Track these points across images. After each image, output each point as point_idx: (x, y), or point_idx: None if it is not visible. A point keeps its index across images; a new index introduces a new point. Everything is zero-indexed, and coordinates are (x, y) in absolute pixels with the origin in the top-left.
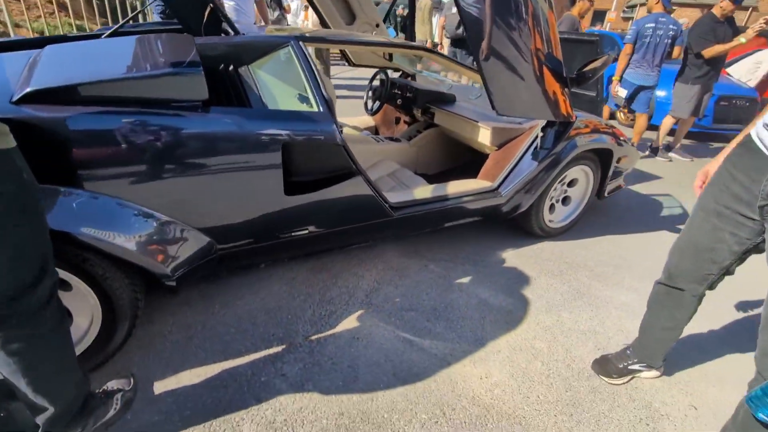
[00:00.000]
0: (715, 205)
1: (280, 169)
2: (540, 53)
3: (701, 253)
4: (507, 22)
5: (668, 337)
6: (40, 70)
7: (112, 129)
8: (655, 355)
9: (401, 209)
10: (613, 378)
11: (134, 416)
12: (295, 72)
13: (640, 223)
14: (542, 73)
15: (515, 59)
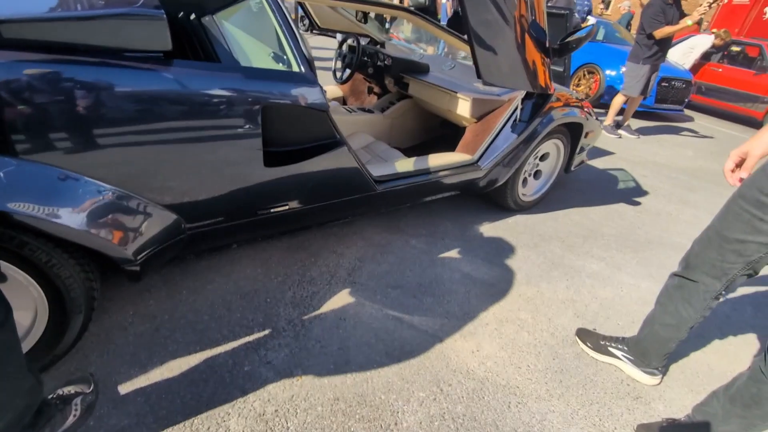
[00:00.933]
0: (758, 195)
1: (260, 137)
2: (525, 22)
3: (730, 244)
4: None
5: (665, 336)
6: None
7: (52, 81)
8: (646, 353)
9: (384, 183)
10: (588, 347)
11: (98, 422)
12: (269, 25)
13: (601, 196)
14: (525, 42)
15: (503, 28)
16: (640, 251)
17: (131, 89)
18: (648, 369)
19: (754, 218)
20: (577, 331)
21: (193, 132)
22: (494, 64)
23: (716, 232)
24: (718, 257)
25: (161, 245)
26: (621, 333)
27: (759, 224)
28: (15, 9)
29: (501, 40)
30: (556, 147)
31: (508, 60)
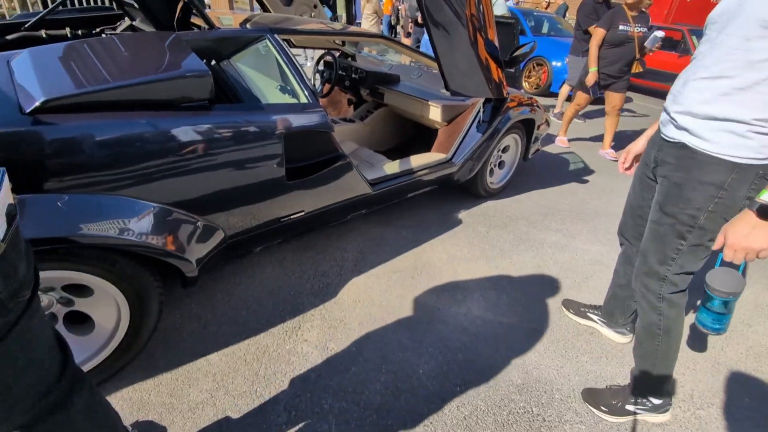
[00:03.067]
0: (639, 173)
1: (283, 158)
2: (481, 40)
3: (634, 210)
4: (455, 14)
5: (622, 294)
6: (39, 77)
7: (128, 133)
8: (614, 311)
9: (378, 184)
10: (571, 313)
11: (179, 399)
12: (276, 64)
13: (556, 178)
14: (485, 57)
15: (463, 45)
16: (589, 221)
17: (187, 132)
18: (618, 329)
19: (641, 190)
20: (563, 301)
21: (233, 160)
22: (459, 78)
23: (627, 204)
24: (632, 221)
25: (211, 253)
26: (576, 289)
27: (642, 193)
28: (84, 78)
29: (463, 57)
30: (515, 140)
31: (470, 73)
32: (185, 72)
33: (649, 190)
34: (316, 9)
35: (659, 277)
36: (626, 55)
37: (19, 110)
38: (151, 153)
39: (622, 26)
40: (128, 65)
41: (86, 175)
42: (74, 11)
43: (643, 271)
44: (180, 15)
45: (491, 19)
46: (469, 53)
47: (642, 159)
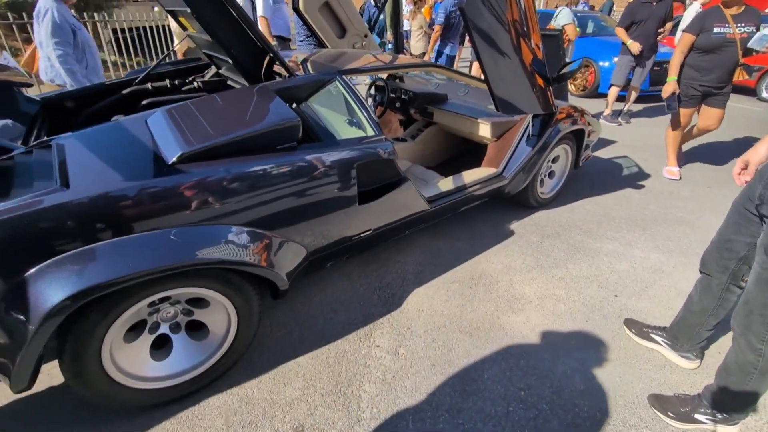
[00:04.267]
0: (738, 204)
1: (356, 185)
2: (528, 58)
3: (723, 242)
4: (504, 36)
5: (692, 321)
6: (173, 134)
7: (239, 173)
8: (679, 335)
9: (434, 201)
10: (633, 333)
11: (276, 395)
12: (345, 102)
13: (609, 184)
14: (533, 76)
15: (511, 65)
16: (647, 228)
17: (280, 169)
18: (683, 353)
19: (736, 222)
20: (625, 320)
21: (316, 190)
22: (508, 98)
23: (717, 234)
24: (717, 254)
25: (297, 269)
26: (636, 299)
27: (737, 227)
28: (208, 132)
29: (511, 77)
30: (565, 150)
31: (519, 92)
32: (281, 121)
33: (747, 225)
34: (366, 38)
35: (764, 320)
36: (726, 61)
37: (163, 162)
38: (255, 188)
39: (717, 28)
40: (236, 118)
41: (210, 208)
42: (170, 65)
43: (745, 312)
44: (266, 66)
45: (537, 33)
46: (518, 73)
47: (745, 191)
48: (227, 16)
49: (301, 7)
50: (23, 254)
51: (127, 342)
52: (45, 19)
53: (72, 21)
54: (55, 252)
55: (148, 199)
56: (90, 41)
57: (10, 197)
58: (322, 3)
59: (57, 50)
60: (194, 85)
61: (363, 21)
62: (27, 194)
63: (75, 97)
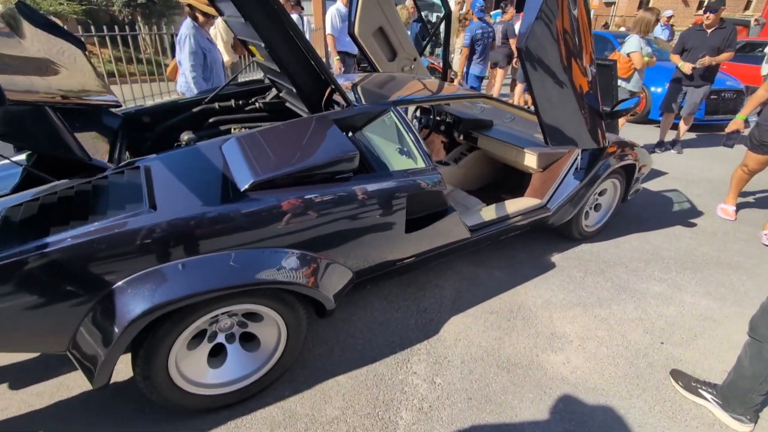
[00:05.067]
0: None
1: (404, 215)
2: (582, 92)
3: None
4: (558, 67)
5: (743, 387)
6: (245, 161)
7: (301, 202)
8: (731, 398)
9: (477, 231)
10: (680, 386)
11: (318, 412)
12: (398, 132)
13: (658, 219)
14: (584, 109)
15: (565, 99)
16: (698, 271)
17: (336, 198)
18: (736, 415)
19: None
20: (672, 371)
21: (367, 218)
22: (558, 131)
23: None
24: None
25: (343, 291)
26: (684, 347)
27: None
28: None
29: (563, 110)
30: (613, 184)
31: (571, 126)
32: (341, 154)
33: None
34: (415, 61)
35: None
36: None
37: (236, 189)
38: (313, 214)
39: None
40: (301, 149)
41: (272, 232)
42: (235, 86)
43: None
44: (327, 96)
45: (593, 62)
46: (570, 106)
47: None
48: (298, 52)
49: (356, 32)
50: (114, 268)
51: (189, 349)
52: (185, 44)
53: (204, 45)
54: (140, 267)
55: (221, 222)
56: (218, 61)
57: (107, 215)
58: (376, 28)
59: (192, 72)
60: (256, 105)
61: (413, 45)
62: (120, 213)
63: (151, 113)
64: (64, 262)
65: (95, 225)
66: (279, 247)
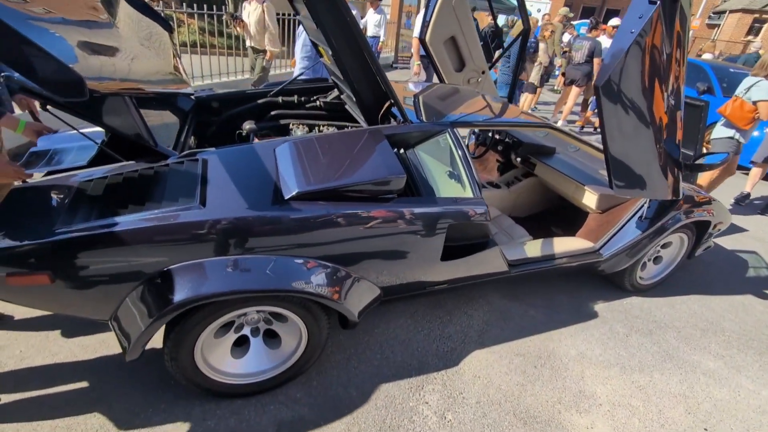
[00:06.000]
0: None
1: (443, 243)
2: (662, 136)
3: None
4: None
5: None
6: (294, 170)
7: (343, 217)
8: None
9: (517, 266)
10: None
11: (325, 422)
12: (451, 155)
13: (726, 283)
14: (661, 156)
15: (640, 142)
16: (765, 354)
17: (378, 218)
18: None
19: None
20: None
21: (405, 241)
22: (627, 177)
23: None
24: None
25: (368, 308)
26: None
27: None
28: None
29: (637, 154)
30: (681, 239)
31: (642, 173)
32: (388, 175)
33: None
34: (484, 74)
35: None
36: None
37: (280, 196)
38: (352, 231)
39: None
40: (349, 164)
41: (310, 242)
42: (301, 82)
43: None
44: (386, 108)
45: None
46: (646, 151)
47: None
48: (363, 64)
49: (427, 38)
50: (163, 255)
51: (215, 338)
52: (299, 37)
53: None
54: (186, 257)
55: (263, 226)
56: None
57: (162, 205)
58: (449, 37)
59: (302, 62)
60: (317, 104)
61: (483, 58)
62: (174, 205)
63: (220, 100)
64: (120, 242)
65: (150, 213)
66: (313, 257)
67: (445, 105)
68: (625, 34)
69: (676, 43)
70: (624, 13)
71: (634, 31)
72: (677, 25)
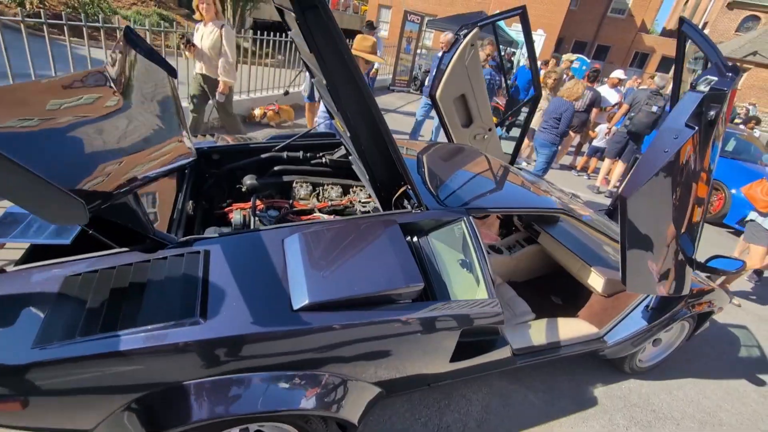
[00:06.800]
0: None
1: (454, 346)
2: (679, 233)
3: None
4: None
5: None
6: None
7: (356, 327)
8: None
9: (522, 356)
10: None
11: None
12: (465, 245)
13: (720, 365)
14: (677, 257)
15: (658, 248)
16: None
17: (391, 325)
18: None
19: None
20: None
21: (414, 346)
22: (642, 276)
23: None
24: None
25: (369, 409)
26: None
27: None
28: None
29: (654, 257)
30: (682, 325)
31: (656, 272)
32: (407, 284)
33: None
34: (490, 131)
35: None
36: None
37: (288, 306)
38: (361, 340)
39: None
40: (364, 268)
41: (317, 354)
42: (307, 137)
43: None
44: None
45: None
46: (664, 256)
47: None
48: (381, 146)
49: (437, 95)
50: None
51: None
52: None
53: None
54: (181, 377)
55: (266, 342)
56: None
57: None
58: (459, 95)
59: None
60: (323, 161)
61: (491, 115)
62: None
63: (221, 152)
64: (109, 364)
65: (146, 331)
66: (316, 368)
67: (459, 181)
68: (658, 153)
69: (708, 161)
70: (615, 51)
71: (668, 151)
72: (709, 147)
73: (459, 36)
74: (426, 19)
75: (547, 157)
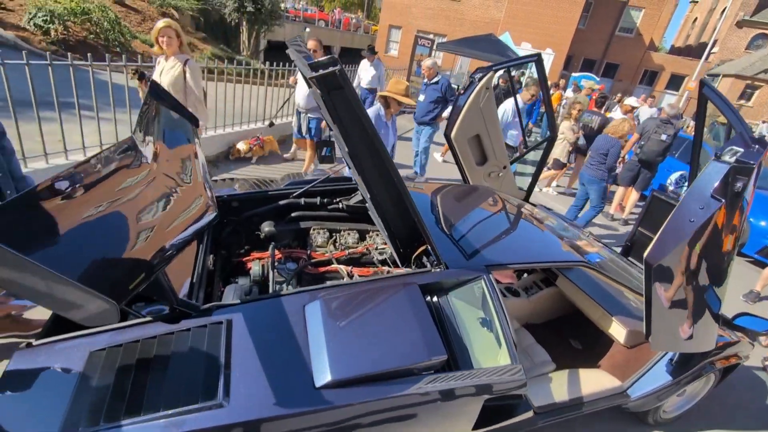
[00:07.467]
0: None
1: (476, 416)
2: (705, 290)
3: None
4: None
5: None
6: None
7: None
8: None
9: (543, 415)
10: None
11: None
12: (485, 305)
13: (746, 413)
14: (702, 315)
15: (684, 311)
16: None
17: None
18: None
19: None
20: None
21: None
22: (666, 335)
23: None
24: None
25: None
26: None
27: None
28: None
29: (679, 319)
30: (707, 378)
31: (683, 330)
32: (431, 357)
33: None
34: (505, 169)
35: None
36: None
37: (311, 382)
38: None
39: None
40: (385, 339)
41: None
42: (326, 183)
43: None
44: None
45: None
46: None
47: None
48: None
49: (452, 135)
50: None
51: None
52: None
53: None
54: None
55: (289, 420)
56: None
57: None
58: (474, 135)
59: None
60: (339, 206)
61: (506, 154)
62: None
63: (240, 200)
64: None
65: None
66: None
67: (478, 234)
68: (684, 221)
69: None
70: (624, 69)
71: (694, 222)
72: (737, 214)
73: (474, 79)
74: (436, 41)
75: (598, 192)
